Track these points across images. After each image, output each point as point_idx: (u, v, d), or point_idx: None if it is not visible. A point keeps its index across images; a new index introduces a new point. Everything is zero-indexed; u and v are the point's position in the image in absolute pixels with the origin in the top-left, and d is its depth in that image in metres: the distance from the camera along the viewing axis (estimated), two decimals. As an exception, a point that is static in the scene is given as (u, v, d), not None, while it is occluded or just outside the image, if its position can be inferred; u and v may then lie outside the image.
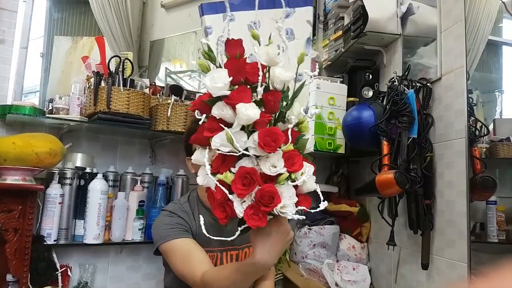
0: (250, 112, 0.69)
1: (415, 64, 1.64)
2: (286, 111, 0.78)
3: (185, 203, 1.30)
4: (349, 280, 1.74)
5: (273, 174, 0.72)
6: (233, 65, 0.73)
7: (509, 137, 1.48)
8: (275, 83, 0.75)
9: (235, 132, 0.72)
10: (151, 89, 1.77)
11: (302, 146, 0.79)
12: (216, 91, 0.71)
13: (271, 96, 0.74)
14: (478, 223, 1.44)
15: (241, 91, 0.72)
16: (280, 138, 0.71)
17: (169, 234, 1.18)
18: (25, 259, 1.34)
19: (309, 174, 0.75)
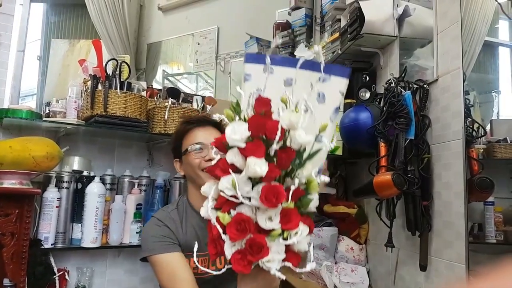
0: (257, 167, 0.73)
1: (411, 66, 1.64)
2: (297, 169, 0.81)
3: (173, 210, 1.30)
4: (347, 282, 1.74)
5: (266, 228, 0.75)
6: (255, 121, 0.77)
7: (506, 138, 1.49)
8: (293, 142, 0.79)
9: (241, 180, 0.76)
10: (148, 92, 1.77)
11: (305, 205, 0.81)
12: (232, 142, 0.77)
13: (285, 154, 0.77)
14: (476, 224, 1.44)
15: (256, 145, 0.76)
16: (282, 197, 0.74)
17: (155, 248, 1.21)
18: (23, 263, 1.34)
19: (302, 235, 0.77)
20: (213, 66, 2.95)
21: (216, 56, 2.93)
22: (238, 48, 2.76)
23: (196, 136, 1.31)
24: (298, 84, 0.87)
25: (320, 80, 0.88)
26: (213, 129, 1.36)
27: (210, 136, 1.30)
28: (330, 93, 0.89)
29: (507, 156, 1.48)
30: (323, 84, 0.88)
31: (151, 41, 3.47)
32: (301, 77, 0.87)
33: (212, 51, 2.96)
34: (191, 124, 1.34)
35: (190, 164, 1.29)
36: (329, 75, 0.89)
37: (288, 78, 0.86)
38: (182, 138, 1.33)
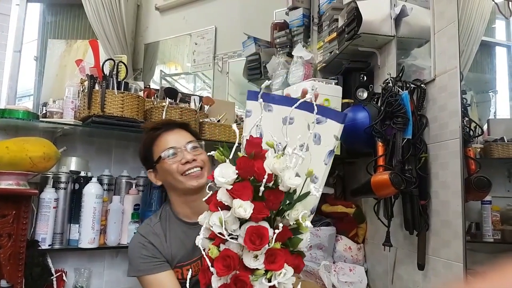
0: (241, 210, 0.76)
1: (409, 66, 1.65)
2: (286, 209, 0.83)
3: (156, 224, 1.30)
4: (346, 282, 1.74)
5: (250, 267, 0.77)
6: (244, 163, 0.80)
7: (503, 137, 1.49)
8: (282, 185, 0.81)
9: (229, 218, 0.79)
10: (145, 92, 1.76)
11: (294, 245, 0.83)
12: (220, 184, 0.80)
13: (273, 195, 0.80)
14: (473, 223, 1.44)
15: (243, 187, 0.79)
16: (265, 239, 0.76)
17: (142, 269, 1.22)
18: (20, 264, 1.33)
19: (286, 277, 0.79)
20: (210, 66, 2.95)
21: (214, 56, 2.93)
22: (236, 48, 2.76)
23: (167, 141, 1.27)
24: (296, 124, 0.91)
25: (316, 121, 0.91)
26: (181, 130, 1.33)
27: (181, 138, 1.28)
28: (326, 136, 0.92)
29: (504, 155, 1.48)
30: (318, 125, 0.91)
31: (148, 41, 3.47)
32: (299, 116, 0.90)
33: (209, 51, 2.96)
34: (159, 130, 1.30)
35: (168, 171, 1.25)
36: (325, 118, 0.92)
37: (286, 116, 0.90)
38: (152, 146, 1.29)
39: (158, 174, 1.31)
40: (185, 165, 1.23)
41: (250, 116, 0.90)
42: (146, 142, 1.32)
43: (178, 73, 3.54)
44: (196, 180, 1.23)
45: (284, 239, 0.80)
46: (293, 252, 0.83)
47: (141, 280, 1.22)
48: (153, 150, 1.29)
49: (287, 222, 0.82)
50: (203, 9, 3.16)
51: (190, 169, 1.23)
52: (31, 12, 3.13)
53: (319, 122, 0.92)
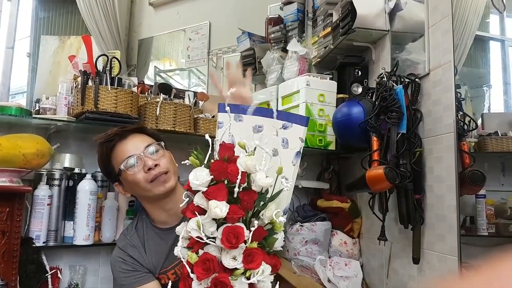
0: (218, 210, 0.79)
1: (403, 60, 1.65)
2: (260, 210, 0.87)
3: (132, 235, 1.29)
4: (341, 276, 1.75)
5: (229, 267, 0.80)
6: (218, 166, 0.84)
7: (497, 131, 1.50)
8: (254, 185, 0.85)
9: (205, 221, 0.82)
10: (139, 88, 1.75)
11: (270, 245, 0.87)
12: (195, 186, 0.84)
13: (247, 196, 0.84)
14: (467, 217, 1.45)
15: (218, 189, 0.82)
16: (241, 238, 0.80)
17: (123, 284, 1.23)
18: (14, 261, 1.32)
19: (264, 275, 0.82)
20: (205, 62, 2.93)
21: (208, 51, 2.92)
22: (231, 44, 2.74)
23: (123, 150, 1.22)
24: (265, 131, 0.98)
25: (283, 127, 0.99)
26: (137, 135, 1.27)
27: (138, 143, 1.23)
28: (292, 139, 0.99)
29: (498, 149, 1.49)
30: (285, 130, 0.98)
31: (142, 37, 3.44)
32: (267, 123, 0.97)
33: (204, 47, 2.95)
34: (112, 141, 1.24)
35: (133, 182, 1.20)
36: (290, 123, 1.00)
37: (256, 125, 0.97)
38: (110, 160, 1.24)
39: (124, 186, 1.27)
40: (150, 172, 1.19)
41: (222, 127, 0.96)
42: (102, 157, 1.27)
43: (172, 69, 3.52)
44: (163, 185, 1.20)
45: (260, 238, 0.84)
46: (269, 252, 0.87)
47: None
48: (112, 163, 1.25)
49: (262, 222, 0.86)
50: (197, 4, 3.14)
51: (156, 176, 1.19)
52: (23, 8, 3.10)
53: (285, 128, 1.00)
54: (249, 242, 0.81)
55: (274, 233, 0.87)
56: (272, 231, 0.87)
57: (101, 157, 1.27)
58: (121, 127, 1.30)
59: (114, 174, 1.25)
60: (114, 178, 1.27)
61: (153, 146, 1.24)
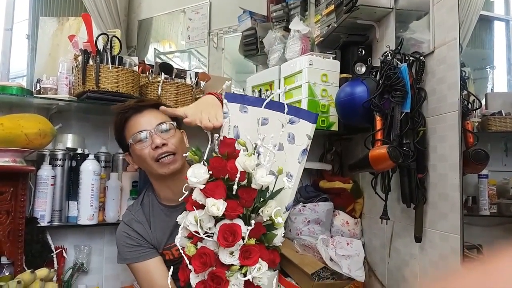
0: (214, 208, 0.79)
1: (407, 39, 1.63)
2: (260, 206, 0.86)
3: (137, 211, 1.29)
4: (343, 255, 1.76)
5: (226, 263, 0.80)
6: (217, 163, 0.83)
7: (501, 111, 1.49)
8: (254, 183, 0.84)
9: (204, 217, 0.81)
10: (140, 67, 1.73)
11: (269, 240, 0.86)
12: (193, 184, 0.83)
13: (245, 193, 0.83)
14: (470, 197, 1.46)
15: (216, 186, 0.81)
16: (238, 236, 0.79)
17: (127, 258, 1.24)
18: (19, 241, 1.33)
19: (261, 271, 0.82)
20: (205, 43, 2.90)
21: (209, 32, 2.88)
22: (231, 23, 2.70)
23: (135, 124, 1.22)
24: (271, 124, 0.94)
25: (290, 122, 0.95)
26: (153, 111, 1.26)
27: (151, 119, 1.22)
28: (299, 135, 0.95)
29: (502, 129, 1.48)
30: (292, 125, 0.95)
31: (141, 18, 3.40)
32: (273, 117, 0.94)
33: (204, 27, 2.91)
34: (127, 113, 1.25)
35: (140, 157, 1.21)
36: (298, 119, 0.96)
37: (262, 117, 0.93)
38: (123, 130, 1.25)
39: (133, 158, 1.28)
40: (156, 150, 1.18)
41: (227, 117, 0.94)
42: (116, 126, 1.28)
43: (172, 51, 3.48)
44: (168, 167, 1.19)
45: (258, 235, 0.83)
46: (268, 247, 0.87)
47: (130, 267, 1.24)
48: (124, 134, 1.26)
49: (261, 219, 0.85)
50: (198, -17, 3.09)
51: (162, 155, 1.18)
52: (21, -11, 3.05)
53: (292, 122, 0.97)
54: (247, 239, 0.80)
55: (273, 229, 0.86)
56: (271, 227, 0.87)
57: (115, 126, 1.29)
58: (139, 100, 1.32)
59: (125, 145, 1.27)
60: (125, 149, 1.30)
61: (165, 125, 1.23)
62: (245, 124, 0.91)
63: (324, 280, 1.73)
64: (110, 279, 1.72)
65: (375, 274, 1.83)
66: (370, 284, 1.86)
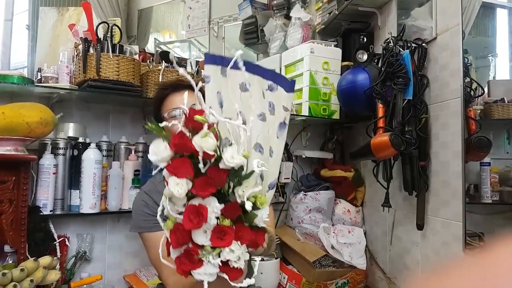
0: (177, 188, 0.72)
1: (409, 26, 1.61)
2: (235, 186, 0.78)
3: (160, 182, 1.29)
4: (344, 243, 1.77)
5: (198, 243, 0.75)
6: (179, 139, 0.74)
7: (504, 98, 1.48)
8: (221, 163, 0.75)
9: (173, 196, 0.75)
10: (140, 56, 1.72)
11: (250, 221, 0.80)
12: (154, 162, 0.74)
13: (215, 173, 0.75)
14: (472, 185, 1.45)
15: (181, 164, 0.73)
16: (203, 219, 0.73)
17: (141, 226, 1.23)
18: (22, 229, 1.34)
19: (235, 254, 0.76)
20: (206, 32, 2.87)
21: (209, 21, 2.85)
22: (232, 12, 2.68)
23: (172, 101, 1.27)
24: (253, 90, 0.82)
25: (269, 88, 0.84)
26: (190, 92, 1.30)
27: (188, 99, 1.26)
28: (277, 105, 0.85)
29: (504, 116, 1.48)
30: (271, 93, 0.84)
31: (141, 7, 3.37)
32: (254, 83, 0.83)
33: (204, 16, 2.88)
34: (166, 90, 1.30)
35: (170, 131, 1.23)
36: (276, 85, 0.85)
37: (243, 82, 0.82)
38: (160, 105, 1.30)
39: None
40: None
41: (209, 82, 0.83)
42: (155, 101, 1.33)
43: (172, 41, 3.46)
44: None
45: (233, 216, 0.77)
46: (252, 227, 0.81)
47: (142, 236, 1.24)
48: (161, 109, 1.31)
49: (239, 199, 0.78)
50: (198, -29, 3.05)
51: None
52: (20, -21, 3.03)
53: (271, 90, 0.84)
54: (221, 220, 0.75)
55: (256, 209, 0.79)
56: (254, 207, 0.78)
57: (154, 101, 1.34)
58: (179, 80, 1.36)
59: (160, 119, 1.30)
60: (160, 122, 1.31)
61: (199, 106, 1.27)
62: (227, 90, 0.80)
63: (326, 267, 1.74)
64: (113, 267, 1.74)
65: (377, 262, 1.84)
66: (372, 271, 1.87)
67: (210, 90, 0.80)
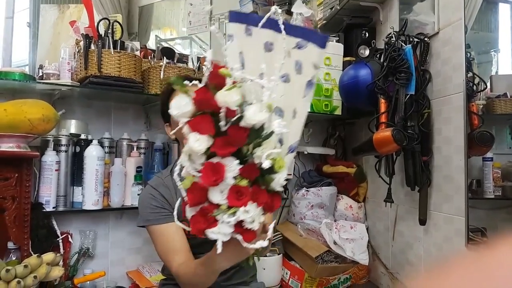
0: (197, 144, 0.72)
1: (411, 21, 1.60)
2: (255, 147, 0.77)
3: (167, 177, 1.30)
4: (347, 238, 1.77)
5: (214, 201, 0.75)
6: (201, 94, 0.73)
7: (506, 93, 1.47)
8: (243, 121, 0.74)
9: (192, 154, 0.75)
10: (142, 52, 1.72)
11: (267, 183, 0.79)
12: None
13: (235, 131, 0.74)
14: (474, 180, 1.45)
15: (201, 121, 0.73)
16: (220, 177, 0.73)
17: (149, 219, 1.22)
18: (25, 226, 1.34)
19: (249, 214, 0.76)
20: (207, 28, 2.86)
21: (210, 17, 2.84)
22: (233, 7, 2.67)
23: None
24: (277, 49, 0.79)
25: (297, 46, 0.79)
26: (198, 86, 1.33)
27: None
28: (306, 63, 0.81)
29: (507, 111, 1.47)
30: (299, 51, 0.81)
31: (142, 4, 3.36)
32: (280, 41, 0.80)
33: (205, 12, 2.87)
34: None
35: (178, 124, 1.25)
36: (306, 42, 0.81)
37: (267, 42, 0.79)
38: (168, 99, 1.30)
39: (172, 127, 1.32)
40: None
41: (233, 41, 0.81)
42: (163, 95, 1.33)
43: (173, 38, 3.45)
44: None
45: (251, 176, 0.76)
46: (268, 191, 0.80)
47: (149, 229, 1.23)
48: (169, 103, 1.30)
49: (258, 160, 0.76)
50: (199, -33, 3.04)
51: None
52: (21, -24, 3.02)
53: (300, 47, 0.79)
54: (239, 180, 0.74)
55: (273, 172, 0.78)
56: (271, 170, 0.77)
57: (162, 95, 1.34)
58: (186, 75, 1.41)
59: (168, 114, 1.29)
60: (167, 118, 1.33)
61: None
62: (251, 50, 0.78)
63: (328, 263, 1.75)
64: (116, 264, 1.74)
65: (379, 257, 1.84)
66: (374, 267, 1.88)
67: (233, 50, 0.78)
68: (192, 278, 1.07)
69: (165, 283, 1.35)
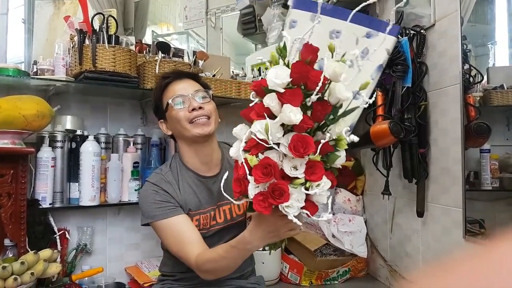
0: (292, 115, 0.74)
1: (407, 14, 1.60)
2: (329, 124, 0.80)
3: (167, 172, 1.29)
4: (345, 231, 1.77)
5: (290, 175, 0.76)
6: (299, 68, 0.76)
7: (503, 85, 1.47)
8: (331, 96, 0.77)
9: (274, 126, 0.77)
10: (137, 47, 1.71)
11: (331, 161, 0.82)
12: (273, 86, 0.76)
13: (321, 106, 0.77)
14: (471, 172, 1.45)
15: (294, 94, 0.75)
16: (310, 148, 0.75)
17: (156, 214, 1.20)
18: (22, 223, 1.34)
19: (323, 189, 0.78)
20: (203, 23, 2.85)
21: (206, 11, 2.83)
22: (229, 2, 2.66)
23: (175, 89, 1.28)
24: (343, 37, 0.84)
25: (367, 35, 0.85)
26: (190, 80, 1.33)
27: (189, 87, 1.28)
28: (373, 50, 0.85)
29: (504, 103, 1.47)
30: (369, 40, 0.85)
31: (138, -1, 3.34)
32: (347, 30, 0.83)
33: (202, 6, 2.85)
34: (168, 78, 1.31)
35: (176, 118, 1.25)
36: (376, 32, 0.86)
37: (334, 30, 0.84)
38: (162, 95, 1.31)
39: (168, 123, 1.32)
40: (192, 113, 1.24)
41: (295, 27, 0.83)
42: (156, 90, 1.33)
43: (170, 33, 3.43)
44: (202, 128, 1.23)
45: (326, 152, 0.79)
46: (327, 168, 0.82)
47: (157, 225, 1.20)
48: (162, 98, 1.30)
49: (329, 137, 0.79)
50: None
51: (197, 117, 1.24)
52: (15, -28, 2.99)
53: (369, 36, 0.86)
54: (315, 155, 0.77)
55: (337, 150, 0.82)
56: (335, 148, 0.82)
57: (155, 90, 1.34)
58: (179, 69, 1.43)
59: (162, 109, 1.30)
60: (161, 114, 1.33)
61: (202, 92, 1.30)
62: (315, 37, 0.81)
63: (327, 256, 1.75)
64: (114, 260, 1.74)
65: (377, 250, 1.84)
66: (373, 259, 1.88)
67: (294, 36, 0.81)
68: (217, 263, 1.06)
69: (163, 279, 1.35)
